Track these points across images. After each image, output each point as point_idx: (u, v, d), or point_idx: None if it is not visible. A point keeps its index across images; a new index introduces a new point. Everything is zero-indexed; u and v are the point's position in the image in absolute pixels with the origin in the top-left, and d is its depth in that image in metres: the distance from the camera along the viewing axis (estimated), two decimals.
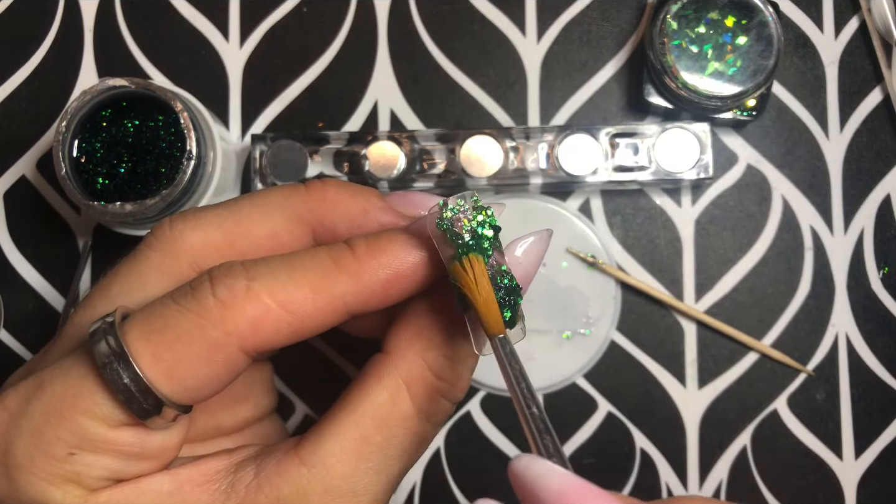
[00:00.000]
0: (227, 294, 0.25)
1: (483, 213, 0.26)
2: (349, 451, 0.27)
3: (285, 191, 0.29)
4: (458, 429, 0.48)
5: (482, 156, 0.45)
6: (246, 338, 0.25)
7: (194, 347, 0.25)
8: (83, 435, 0.25)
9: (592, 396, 0.47)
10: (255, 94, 0.49)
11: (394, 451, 0.28)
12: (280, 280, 0.26)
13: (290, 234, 0.29)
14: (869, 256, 0.48)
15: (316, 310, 0.26)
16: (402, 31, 0.49)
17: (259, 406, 0.36)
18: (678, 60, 0.44)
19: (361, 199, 0.29)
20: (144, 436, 0.26)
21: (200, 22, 0.49)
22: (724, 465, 0.47)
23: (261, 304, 0.25)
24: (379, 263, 0.26)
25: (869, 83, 0.48)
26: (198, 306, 0.25)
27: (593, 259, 0.47)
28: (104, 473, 0.26)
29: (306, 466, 0.27)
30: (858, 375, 0.47)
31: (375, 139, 0.45)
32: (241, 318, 0.25)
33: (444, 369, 0.28)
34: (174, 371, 0.25)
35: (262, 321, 0.25)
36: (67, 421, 0.25)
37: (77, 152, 0.42)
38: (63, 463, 0.25)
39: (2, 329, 0.48)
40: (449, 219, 0.26)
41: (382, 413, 0.27)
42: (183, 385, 0.25)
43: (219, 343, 0.25)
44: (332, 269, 0.26)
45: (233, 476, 0.27)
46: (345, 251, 0.27)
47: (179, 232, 0.28)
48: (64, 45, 0.49)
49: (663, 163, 0.45)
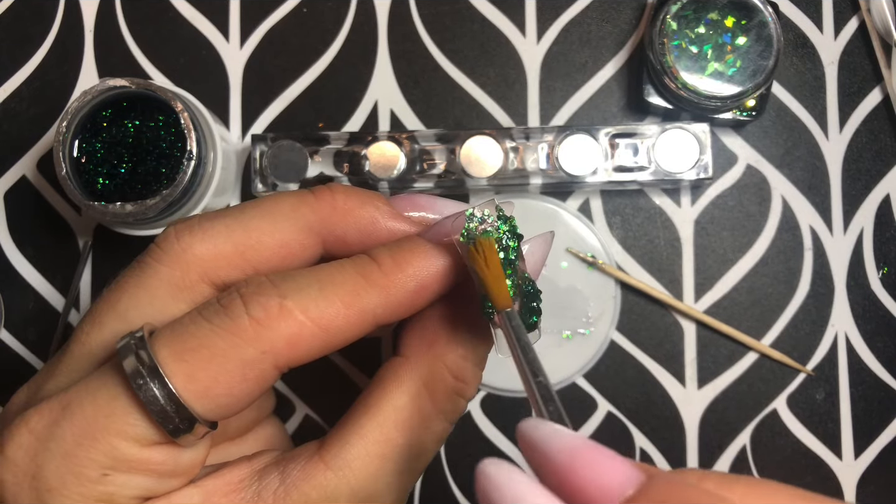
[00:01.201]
0: (261, 313, 0.25)
1: (508, 223, 0.27)
2: (374, 454, 0.27)
3: (293, 199, 0.29)
4: (458, 429, 0.48)
5: (482, 156, 0.45)
6: (281, 355, 0.25)
7: (230, 367, 0.25)
8: (117, 456, 0.25)
9: (592, 396, 0.47)
10: (255, 94, 0.49)
11: (415, 451, 0.28)
12: (312, 297, 0.26)
13: (300, 243, 0.29)
14: (868, 256, 0.48)
15: (347, 325, 0.26)
16: (402, 31, 0.49)
17: (262, 408, 0.36)
18: (678, 61, 0.44)
19: (371, 208, 0.29)
20: (176, 453, 0.26)
21: (200, 22, 0.49)
22: (723, 465, 0.47)
23: (295, 321, 0.25)
24: (406, 276, 0.27)
25: (868, 83, 0.48)
26: (233, 325, 0.25)
27: (593, 259, 0.47)
28: (137, 493, 0.26)
29: (332, 471, 0.27)
30: (858, 375, 0.47)
31: (375, 139, 0.45)
32: (276, 336, 0.25)
33: (462, 370, 0.29)
34: (210, 390, 0.25)
35: (298, 338, 0.26)
36: (100, 443, 0.25)
37: (77, 152, 0.42)
38: (96, 484, 0.25)
39: (2, 329, 0.48)
40: (474, 229, 0.27)
41: (405, 416, 0.28)
42: (216, 403, 0.25)
43: (254, 361, 0.25)
44: (361, 284, 0.27)
45: (258, 484, 0.27)
46: (371, 265, 0.27)
47: (188, 244, 0.28)
48: (64, 46, 0.49)
49: (663, 163, 0.45)
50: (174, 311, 0.28)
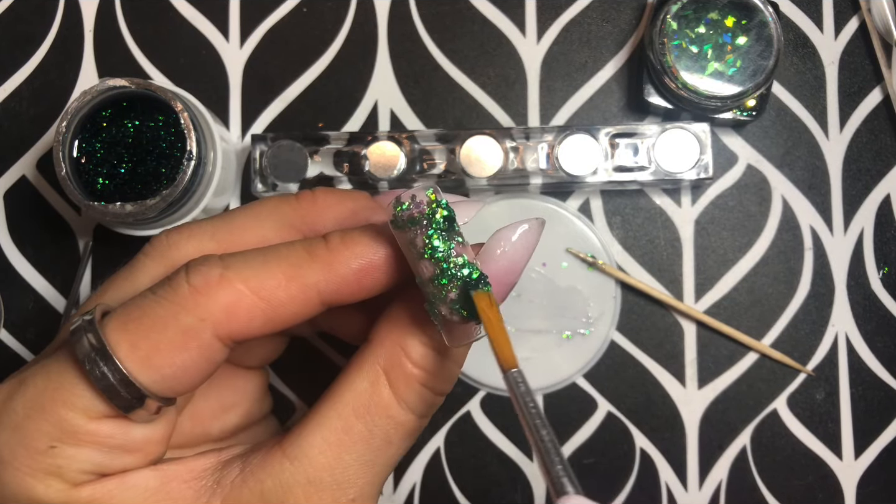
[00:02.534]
0: (200, 281, 0.25)
1: (439, 208, 0.26)
2: (332, 441, 0.27)
3: (276, 200, 0.30)
4: (458, 429, 0.48)
5: (482, 156, 0.45)
6: (220, 324, 0.26)
7: (169, 334, 0.25)
8: (63, 427, 0.25)
9: (592, 396, 0.47)
10: (255, 94, 0.49)
11: (377, 441, 0.27)
12: (253, 268, 0.26)
13: (280, 239, 0.29)
14: (869, 256, 0.48)
15: (289, 297, 0.26)
16: (402, 31, 0.49)
17: (249, 413, 0.36)
18: (678, 60, 0.44)
19: (349, 202, 0.30)
20: (126, 428, 0.26)
21: (200, 22, 0.49)
22: (724, 465, 0.47)
23: (234, 290, 0.26)
24: (352, 253, 0.27)
25: (869, 83, 0.48)
26: (172, 294, 0.26)
27: (593, 259, 0.47)
28: (87, 467, 0.26)
29: (289, 459, 0.27)
30: (858, 375, 0.47)
31: (375, 139, 0.45)
32: (214, 303, 0.25)
33: (422, 357, 0.28)
34: (151, 359, 0.25)
35: (236, 307, 0.26)
36: (48, 413, 0.25)
37: (77, 152, 0.42)
38: (44, 456, 0.25)
39: (2, 329, 0.48)
40: (400, 215, 0.26)
41: (363, 401, 0.27)
42: (161, 373, 0.25)
43: (193, 329, 0.25)
44: (305, 258, 0.27)
45: (219, 473, 0.27)
46: (319, 242, 0.27)
47: (174, 241, 0.29)
48: (64, 45, 0.49)
49: (663, 163, 0.45)
50: None
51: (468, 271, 0.26)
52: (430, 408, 0.29)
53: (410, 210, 0.26)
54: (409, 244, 0.26)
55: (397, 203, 0.26)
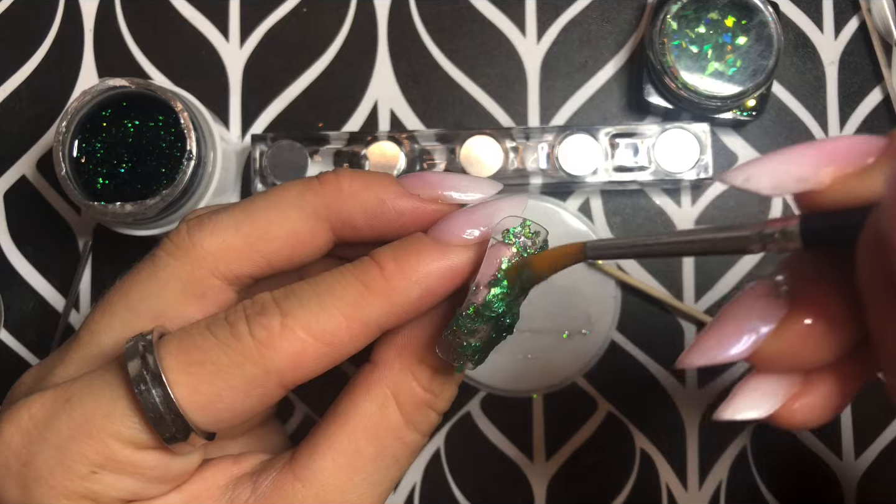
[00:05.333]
0: (263, 334, 0.25)
1: (534, 238, 0.26)
2: (342, 464, 0.27)
3: (299, 187, 0.29)
4: (458, 429, 0.48)
5: (482, 156, 0.45)
6: (285, 374, 0.25)
7: (233, 383, 0.25)
8: (108, 455, 0.25)
9: (592, 396, 0.47)
10: (255, 94, 0.49)
11: (386, 461, 0.28)
12: (313, 312, 0.26)
13: (308, 231, 0.28)
14: None
15: (351, 337, 0.26)
16: (402, 31, 0.49)
17: (263, 413, 0.36)
18: (678, 60, 0.44)
19: (377, 188, 0.28)
20: (168, 460, 0.26)
21: (200, 22, 0.49)
22: (724, 465, 0.47)
23: (297, 340, 0.25)
24: (410, 283, 0.26)
25: (869, 83, 0.48)
26: (238, 345, 0.25)
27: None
28: (122, 494, 0.26)
29: (301, 482, 0.27)
30: None
31: (375, 139, 0.45)
32: (279, 356, 0.25)
33: (431, 381, 0.28)
34: (212, 404, 0.25)
35: (302, 356, 0.25)
36: (95, 440, 0.25)
37: (77, 152, 0.42)
38: (83, 480, 0.25)
39: (2, 329, 0.48)
40: (515, 237, 0.26)
41: (373, 424, 0.27)
42: (217, 417, 0.25)
43: (258, 380, 0.25)
44: (363, 294, 0.26)
45: (231, 492, 0.27)
46: (373, 270, 0.26)
47: (198, 239, 0.28)
48: (64, 45, 0.49)
49: (663, 163, 0.45)
50: (183, 304, 0.28)
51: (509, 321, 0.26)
52: (432, 427, 0.29)
53: (519, 236, 0.25)
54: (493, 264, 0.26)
55: (523, 227, 0.25)
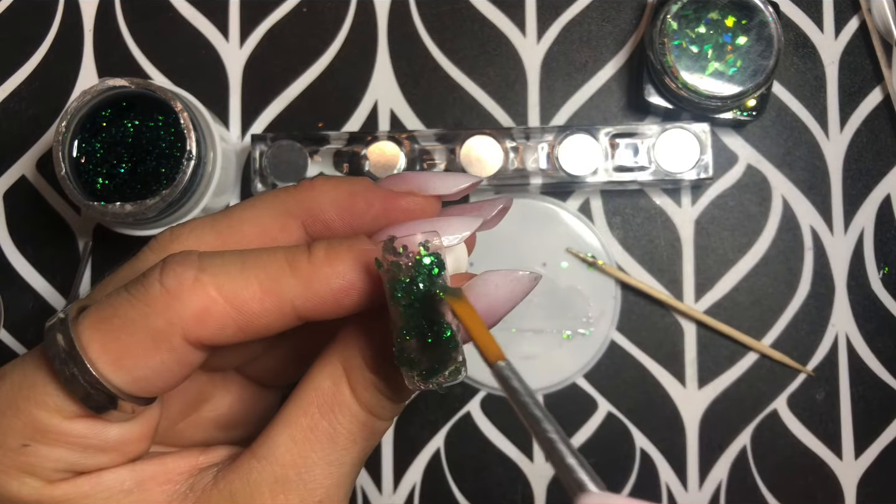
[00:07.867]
0: (173, 282, 0.25)
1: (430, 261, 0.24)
2: (297, 439, 0.27)
3: (276, 190, 0.30)
4: (458, 429, 0.48)
5: (482, 156, 0.45)
6: (190, 329, 0.25)
7: (139, 336, 0.25)
8: (36, 426, 0.25)
9: (592, 396, 0.47)
10: (255, 94, 0.49)
11: (342, 440, 0.27)
12: (230, 273, 0.25)
13: (280, 228, 0.28)
14: (869, 256, 0.48)
15: (263, 310, 0.25)
16: (402, 31, 0.49)
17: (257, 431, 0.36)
18: (678, 60, 0.44)
19: (348, 183, 0.28)
20: (101, 427, 0.26)
21: (200, 22, 0.49)
22: (724, 465, 0.47)
23: (206, 295, 0.25)
24: (333, 272, 0.25)
25: (869, 83, 0.48)
26: (144, 294, 0.25)
27: (593, 259, 0.47)
28: (60, 465, 0.26)
29: (256, 459, 0.27)
30: (858, 375, 0.47)
31: (375, 139, 0.45)
32: (184, 308, 0.25)
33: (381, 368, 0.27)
34: (122, 361, 0.25)
35: (207, 314, 0.25)
36: (21, 412, 0.25)
37: (77, 152, 0.42)
38: (17, 454, 0.25)
39: (2, 329, 0.48)
40: (387, 257, 0.24)
41: (327, 399, 0.27)
42: (132, 375, 0.25)
43: (163, 332, 0.25)
44: (284, 270, 0.26)
45: (194, 478, 0.27)
46: (301, 254, 0.26)
47: (177, 235, 0.28)
48: (64, 45, 0.49)
49: (663, 163, 0.45)
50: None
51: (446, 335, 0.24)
52: (392, 412, 0.29)
53: (399, 258, 0.24)
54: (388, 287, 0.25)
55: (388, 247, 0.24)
